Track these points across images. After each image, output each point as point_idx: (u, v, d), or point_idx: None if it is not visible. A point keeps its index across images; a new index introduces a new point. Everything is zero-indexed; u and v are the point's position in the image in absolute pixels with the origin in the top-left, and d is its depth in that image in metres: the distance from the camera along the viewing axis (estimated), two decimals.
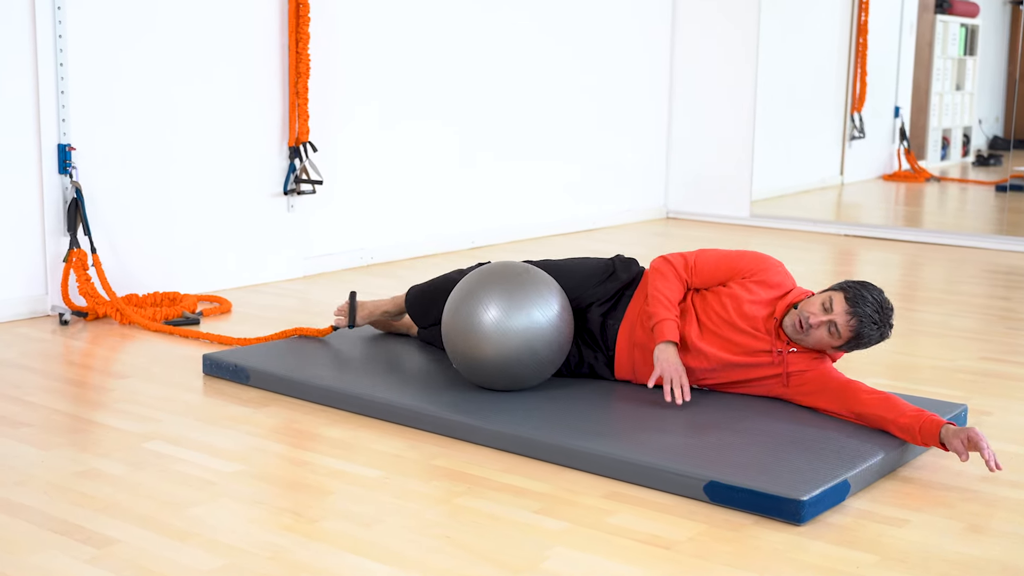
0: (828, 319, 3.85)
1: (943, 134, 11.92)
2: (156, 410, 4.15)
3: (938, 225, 9.48)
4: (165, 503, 3.28)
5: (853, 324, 3.83)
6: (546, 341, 4.02)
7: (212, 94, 6.14)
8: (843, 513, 3.28)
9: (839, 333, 3.85)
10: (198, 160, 6.11)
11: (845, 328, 3.84)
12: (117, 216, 5.76)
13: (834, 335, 3.86)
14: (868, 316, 3.83)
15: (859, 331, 3.84)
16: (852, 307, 3.84)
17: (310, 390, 4.26)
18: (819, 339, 3.89)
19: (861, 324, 3.83)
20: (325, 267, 6.83)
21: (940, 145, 11.85)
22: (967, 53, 11.94)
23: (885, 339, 3.88)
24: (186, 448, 3.75)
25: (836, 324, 3.84)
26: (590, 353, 4.27)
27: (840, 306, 3.85)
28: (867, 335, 3.85)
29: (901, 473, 3.60)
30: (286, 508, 3.26)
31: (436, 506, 3.29)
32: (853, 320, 3.83)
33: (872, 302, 3.85)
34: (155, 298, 5.77)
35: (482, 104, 7.85)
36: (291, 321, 5.50)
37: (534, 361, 4.02)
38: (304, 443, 3.84)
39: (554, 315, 4.04)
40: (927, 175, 11.31)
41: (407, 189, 7.36)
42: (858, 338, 3.86)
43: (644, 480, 3.44)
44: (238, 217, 6.34)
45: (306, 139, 6.47)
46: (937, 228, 8.95)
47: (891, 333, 3.91)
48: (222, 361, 4.53)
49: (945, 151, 11.90)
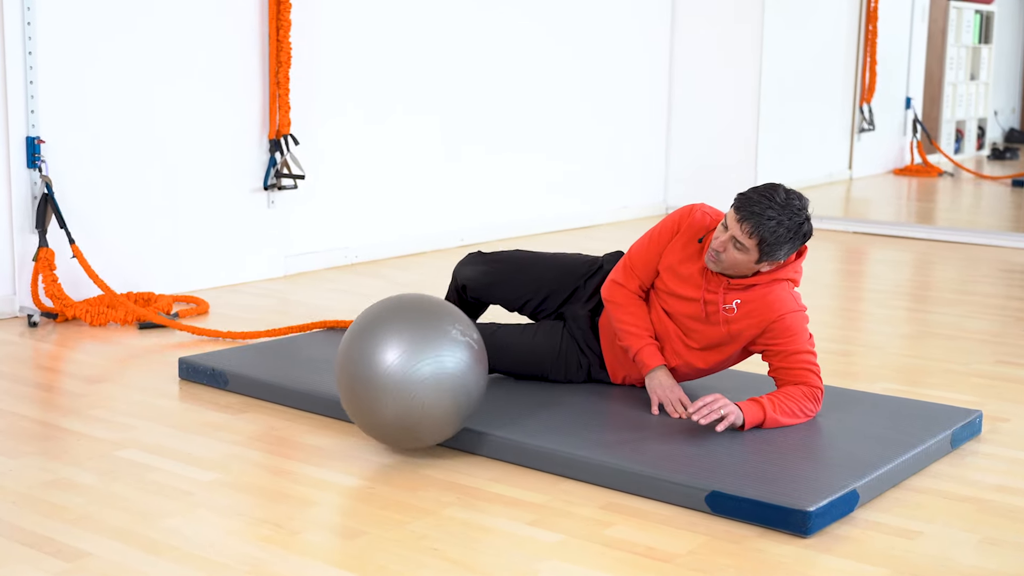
0: (728, 236, 3.76)
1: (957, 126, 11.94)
2: (130, 416, 4.14)
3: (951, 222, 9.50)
4: (139, 514, 3.27)
5: (748, 228, 3.71)
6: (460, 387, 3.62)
7: (189, 84, 6.14)
8: (852, 525, 3.28)
9: (745, 245, 3.75)
10: (174, 153, 6.11)
11: (745, 236, 3.72)
12: (89, 212, 5.75)
13: (743, 249, 3.76)
14: (762, 215, 3.70)
15: (761, 234, 3.71)
16: (741, 213, 3.72)
17: (292, 395, 4.26)
18: (734, 261, 3.80)
19: (758, 225, 3.70)
20: (307, 266, 6.83)
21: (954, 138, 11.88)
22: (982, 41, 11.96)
23: (802, 228, 3.74)
24: (161, 456, 3.74)
25: (736, 238, 3.75)
26: (584, 358, 4.27)
27: (732, 218, 3.75)
28: (771, 232, 3.71)
29: (913, 482, 3.60)
30: (266, 519, 3.26)
31: (424, 518, 3.29)
32: (746, 224, 3.71)
33: (761, 199, 3.72)
34: (129, 298, 5.76)
35: (472, 96, 7.85)
36: (271, 323, 5.50)
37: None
38: (285, 451, 3.84)
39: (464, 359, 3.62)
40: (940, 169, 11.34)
41: (394, 184, 7.36)
42: (765, 242, 3.73)
43: (643, 490, 3.44)
44: (216, 213, 6.34)
45: (287, 132, 6.46)
46: (950, 225, 8.96)
47: (807, 221, 3.76)
48: (199, 365, 4.53)
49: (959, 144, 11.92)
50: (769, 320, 3.86)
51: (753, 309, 3.88)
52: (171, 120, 6.08)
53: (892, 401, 4.20)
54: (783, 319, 3.86)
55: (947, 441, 3.84)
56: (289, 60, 6.38)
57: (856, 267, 7.77)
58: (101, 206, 5.81)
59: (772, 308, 3.86)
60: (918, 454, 3.67)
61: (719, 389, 4.23)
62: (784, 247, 3.76)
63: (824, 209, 9.67)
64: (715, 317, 3.93)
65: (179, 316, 5.61)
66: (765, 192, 3.74)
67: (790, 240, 3.75)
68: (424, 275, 6.78)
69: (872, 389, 4.52)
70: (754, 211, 3.71)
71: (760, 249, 3.75)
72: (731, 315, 3.91)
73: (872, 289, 6.87)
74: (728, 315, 3.91)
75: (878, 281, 7.18)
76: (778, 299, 3.87)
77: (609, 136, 9.08)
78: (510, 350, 4.27)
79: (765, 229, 3.70)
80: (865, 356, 5.15)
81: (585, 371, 4.28)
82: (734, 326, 3.92)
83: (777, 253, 3.77)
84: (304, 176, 6.56)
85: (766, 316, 3.86)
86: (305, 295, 6.20)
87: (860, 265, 7.81)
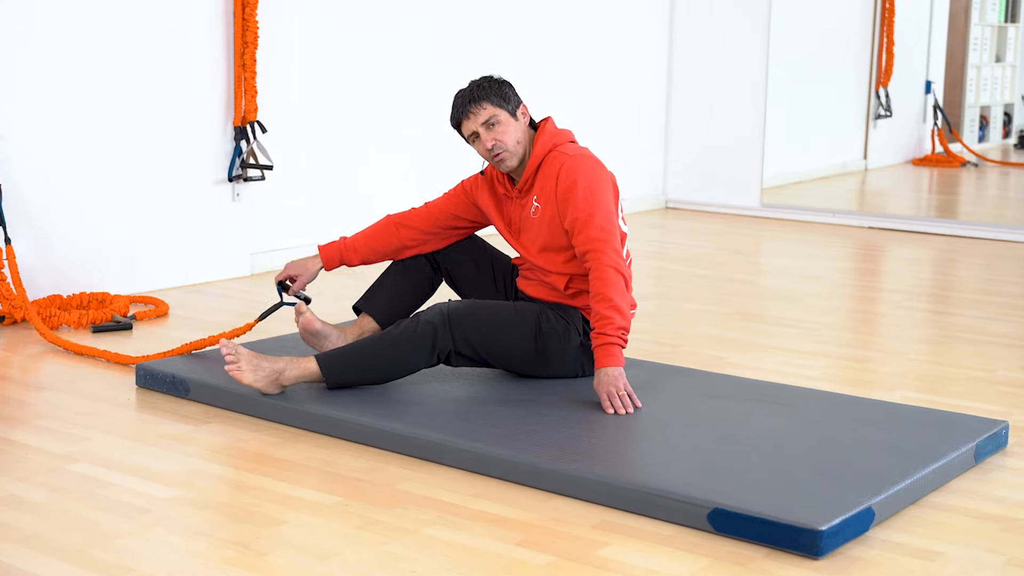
0: (480, 130, 4.33)
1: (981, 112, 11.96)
2: (82, 427, 4.14)
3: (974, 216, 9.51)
4: (93, 534, 3.27)
5: (474, 107, 4.32)
6: None
7: (145, 65, 6.13)
8: (867, 545, 3.29)
9: (495, 117, 4.32)
10: (129, 141, 6.10)
11: (482, 113, 4.32)
12: (35, 206, 5.75)
13: (497, 122, 4.32)
14: (464, 95, 4.37)
15: (485, 98, 4.33)
16: (458, 112, 4.36)
17: (258, 405, 4.25)
18: (506, 137, 4.32)
19: (473, 99, 4.33)
20: (275, 264, 6.83)
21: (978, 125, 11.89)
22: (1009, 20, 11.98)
23: (493, 76, 4.40)
24: (117, 471, 3.74)
25: (483, 123, 4.33)
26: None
27: (465, 127, 4.36)
28: (483, 90, 4.34)
29: (933, 499, 3.61)
30: (230, 540, 3.26)
31: (401, 537, 3.29)
32: (471, 107, 4.32)
33: (456, 97, 4.38)
34: (81, 299, 5.76)
35: (456, 81, 7.85)
36: (234, 325, 5.49)
37: None
38: (251, 465, 3.84)
39: None
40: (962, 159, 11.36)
41: (370, 176, 7.36)
42: (492, 97, 4.33)
43: (639, 508, 3.45)
44: (176, 207, 6.33)
45: (254, 118, 6.46)
46: (973, 220, 8.98)
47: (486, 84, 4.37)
48: (158, 372, 4.53)
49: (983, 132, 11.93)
50: (556, 184, 4.34)
51: (545, 187, 4.37)
52: (125, 103, 6.07)
53: (911, 411, 4.21)
54: (562, 172, 4.32)
55: (970, 454, 3.84)
56: (256, 40, 6.38)
57: (872, 265, 7.79)
58: (50, 199, 5.81)
59: (557, 170, 4.34)
60: (939, 468, 3.68)
61: (720, 397, 4.24)
62: (503, 90, 4.34)
63: (837, 202, 9.69)
64: (529, 223, 4.43)
65: (136, 318, 5.60)
66: (453, 102, 4.40)
67: (498, 85, 4.35)
68: None
69: (889, 398, 4.53)
70: (460, 103, 4.35)
71: (497, 106, 4.32)
72: (538, 214, 4.39)
73: (889, 289, 6.89)
74: (536, 215, 4.39)
75: (896, 281, 7.19)
76: (560, 159, 4.35)
77: (602, 124, 9.08)
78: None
79: (477, 94, 4.32)
80: (882, 362, 5.16)
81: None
82: (544, 216, 4.37)
83: (508, 99, 4.34)
84: (272, 166, 6.55)
85: (555, 182, 4.34)
86: (273, 296, 6.20)
87: (876, 263, 7.83)
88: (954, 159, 11.30)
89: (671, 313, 5.95)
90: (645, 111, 9.47)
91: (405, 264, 4.72)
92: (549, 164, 4.36)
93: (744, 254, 7.93)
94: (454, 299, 4.41)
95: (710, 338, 5.47)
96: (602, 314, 4.10)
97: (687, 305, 6.14)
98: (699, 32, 9.46)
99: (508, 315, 4.33)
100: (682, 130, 9.62)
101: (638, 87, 9.39)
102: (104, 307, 5.72)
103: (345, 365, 4.25)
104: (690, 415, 4.07)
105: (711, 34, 9.42)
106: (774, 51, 9.26)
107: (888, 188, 10.71)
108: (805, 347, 5.33)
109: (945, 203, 10.39)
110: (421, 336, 4.21)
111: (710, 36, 9.43)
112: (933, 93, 11.36)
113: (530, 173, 4.37)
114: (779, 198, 9.43)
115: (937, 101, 11.38)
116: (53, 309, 5.51)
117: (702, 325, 5.71)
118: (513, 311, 4.35)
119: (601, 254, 4.16)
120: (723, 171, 9.45)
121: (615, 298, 4.11)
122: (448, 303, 4.30)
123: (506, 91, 4.34)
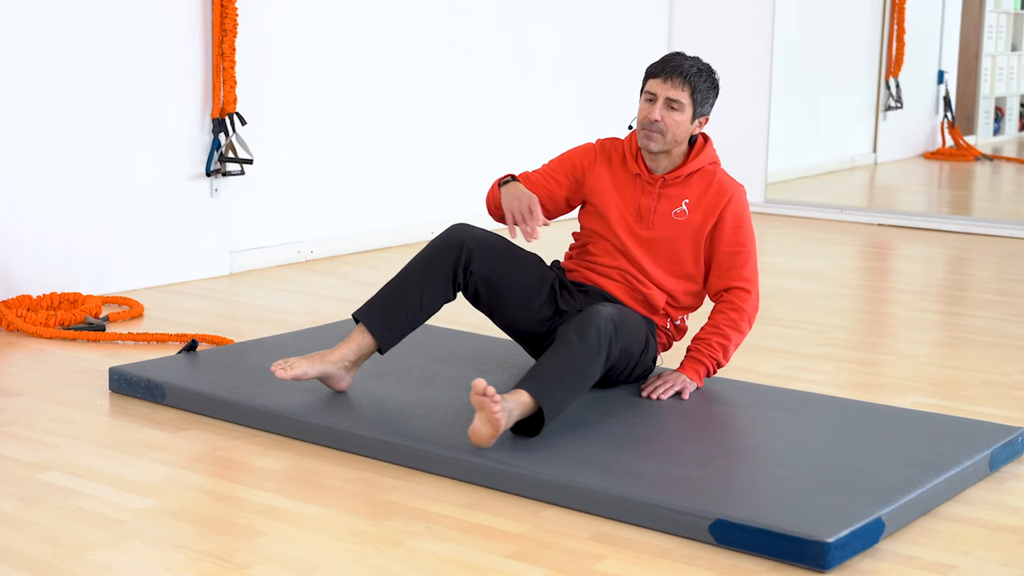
0: (661, 100, 4.27)
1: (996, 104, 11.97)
2: (53, 434, 4.14)
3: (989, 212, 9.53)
4: (64, 547, 3.27)
5: (678, 81, 4.26)
6: None
7: (117, 54, 6.12)
8: (877, 558, 3.29)
9: (680, 101, 4.26)
10: (101, 134, 6.10)
11: (677, 90, 4.26)
12: (1, 201, 5.74)
13: (679, 107, 4.27)
14: (682, 65, 4.28)
15: (692, 83, 4.27)
16: (664, 73, 4.28)
17: (238, 410, 4.25)
18: (675, 125, 4.28)
19: (686, 75, 4.27)
20: (255, 263, 6.83)
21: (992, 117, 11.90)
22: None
23: (713, 73, 4.31)
24: (89, 480, 3.74)
25: (669, 98, 4.27)
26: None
27: (657, 84, 4.28)
28: (696, 77, 4.28)
29: (945, 510, 3.62)
30: (209, 552, 3.26)
31: (388, 549, 3.29)
32: (675, 78, 4.26)
33: (672, 58, 4.30)
34: (51, 300, 5.76)
35: (447, 73, 7.86)
36: (214, 328, 5.50)
37: None
38: (231, 474, 3.84)
39: None
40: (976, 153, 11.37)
41: (355, 171, 7.36)
42: (696, 89, 4.27)
43: (638, 519, 3.45)
44: (151, 203, 6.33)
45: (233, 110, 6.46)
46: (989, 216, 8.99)
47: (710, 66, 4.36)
48: (132, 375, 4.52)
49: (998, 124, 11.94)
50: (721, 203, 4.38)
51: (702, 197, 4.39)
52: (97, 93, 6.06)
53: (922, 417, 4.21)
54: (734, 199, 4.39)
55: (985, 463, 3.85)
56: (235, 27, 6.37)
57: (882, 264, 7.80)
58: (17, 195, 5.80)
59: (723, 188, 4.40)
60: (952, 477, 3.68)
61: (722, 402, 4.25)
62: (709, 95, 4.32)
63: (845, 198, 9.70)
64: (666, 220, 4.40)
65: (109, 319, 5.60)
66: (668, 56, 4.32)
67: (711, 86, 4.31)
68: (387, 273, 6.76)
69: (900, 403, 4.54)
70: (673, 66, 4.27)
71: (693, 100, 4.28)
72: (683, 217, 4.39)
73: (900, 289, 6.89)
74: (680, 217, 4.39)
75: (907, 280, 7.20)
76: (723, 179, 4.41)
77: (598, 113, 9.08)
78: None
79: (692, 76, 4.26)
80: (892, 366, 5.17)
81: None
82: (689, 224, 4.38)
83: (706, 104, 4.32)
84: (252, 161, 6.55)
85: (718, 200, 4.38)
86: (253, 296, 6.20)
87: (886, 262, 7.84)
88: (968, 152, 11.31)
89: None
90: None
91: (428, 275, 4.27)
92: (707, 176, 4.41)
93: None
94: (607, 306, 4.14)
95: None
96: (716, 342, 4.35)
97: None
98: (700, 17, 9.45)
99: (639, 324, 4.31)
100: None
101: (633, 77, 9.37)
102: (75, 308, 5.71)
103: (564, 395, 3.91)
104: (691, 421, 4.07)
105: (712, 20, 9.41)
106: (779, 38, 9.26)
107: (898, 183, 10.72)
108: (811, 350, 5.34)
109: (958, 199, 10.40)
110: (598, 346, 3.97)
111: (711, 22, 9.42)
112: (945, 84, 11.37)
113: (684, 172, 4.38)
114: (784, 194, 9.44)
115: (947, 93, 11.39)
116: (21, 310, 5.50)
117: None
118: (640, 322, 4.33)
119: (749, 296, 4.39)
120: (725, 165, 9.38)
121: (733, 341, 4.38)
122: (605, 309, 4.09)
123: (711, 96, 4.33)
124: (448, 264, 4.26)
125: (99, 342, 5.26)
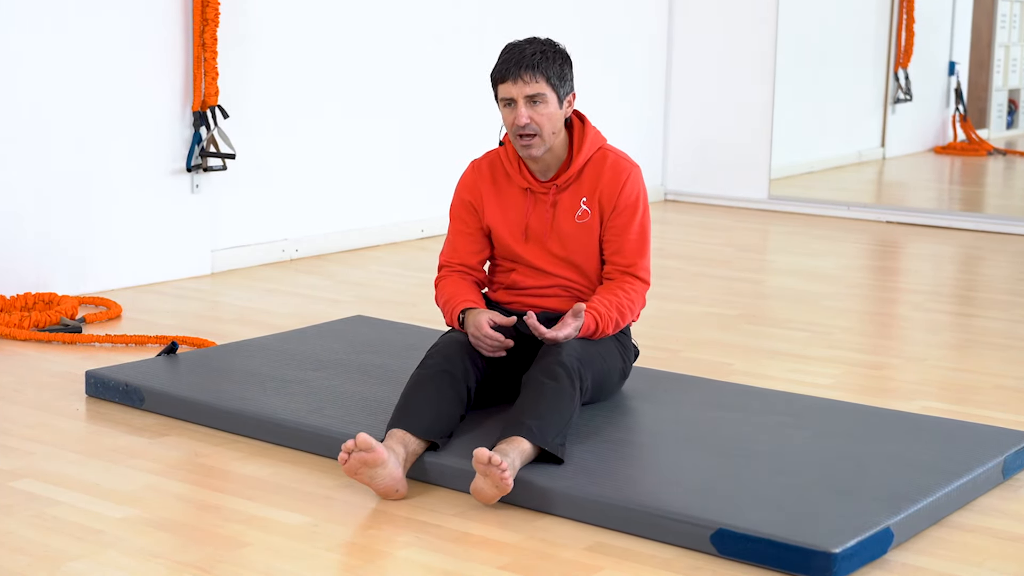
0: (521, 101, 4.07)
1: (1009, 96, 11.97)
2: (27, 440, 4.14)
3: (1002, 209, 9.53)
4: (39, 557, 3.27)
5: (528, 75, 4.06)
6: None
7: (94, 44, 6.12)
8: (885, 569, 3.30)
9: (541, 94, 4.06)
10: (77, 127, 6.09)
11: (533, 84, 4.06)
12: None
13: (542, 100, 4.07)
14: (523, 55, 4.08)
15: (543, 71, 4.07)
16: (509, 73, 4.07)
17: (220, 415, 4.25)
18: (548, 119, 4.08)
19: (531, 65, 4.06)
20: (238, 262, 6.83)
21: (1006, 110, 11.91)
22: None
23: (556, 44, 4.13)
24: (65, 488, 3.74)
25: (528, 95, 4.06)
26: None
27: (508, 88, 4.08)
28: (545, 60, 4.08)
29: (956, 519, 3.62)
30: (189, 563, 3.26)
31: (376, 560, 3.29)
32: (524, 74, 4.06)
33: (510, 51, 4.12)
34: (26, 300, 5.75)
35: (439, 63, 7.86)
36: (194, 329, 5.50)
37: None
38: (212, 482, 3.84)
39: None
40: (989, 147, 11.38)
41: (341, 166, 7.35)
42: (551, 75, 4.08)
43: (636, 528, 3.45)
44: (129, 200, 6.33)
45: (214, 102, 6.46)
46: (1001, 213, 9.00)
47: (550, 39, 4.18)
48: (110, 379, 4.52)
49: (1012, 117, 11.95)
50: (618, 188, 4.20)
51: (596, 187, 4.20)
52: (74, 86, 6.05)
53: (932, 422, 4.22)
54: (629, 180, 4.21)
55: (998, 470, 3.86)
56: (217, 17, 6.37)
57: (891, 263, 7.80)
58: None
59: (617, 171, 4.21)
60: (963, 485, 3.69)
61: (724, 407, 4.25)
62: (565, 71, 4.13)
63: (852, 194, 9.70)
64: (568, 227, 4.22)
65: (86, 321, 5.60)
66: (506, 55, 4.12)
67: (563, 61, 4.13)
68: (376, 273, 6.78)
69: (910, 408, 4.54)
70: (516, 62, 4.07)
71: (552, 85, 4.08)
72: (586, 218, 4.21)
73: (909, 289, 6.90)
74: (584, 219, 4.22)
75: (916, 280, 7.21)
76: (615, 161, 4.23)
77: (595, 107, 9.07)
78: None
79: (540, 63, 4.07)
80: (902, 369, 5.18)
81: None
82: (593, 222, 4.22)
83: (565, 82, 4.13)
84: (235, 155, 6.55)
85: (614, 186, 4.20)
86: (236, 296, 6.20)
87: (895, 261, 7.84)
88: (980, 147, 11.32)
89: (671, 315, 5.95)
90: (642, 94, 9.46)
91: (446, 376, 4.02)
92: (598, 165, 4.22)
93: (750, 251, 7.94)
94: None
95: (713, 343, 5.47)
96: (608, 315, 4.09)
97: (688, 307, 6.15)
98: (703, 8, 9.45)
99: (610, 349, 4.24)
100: (683, 115, 9.61)
101: (634, 66, 9.38)
102: (51, 309, 5.71)
103: (560, 430, 3.81)
104: (692, 427, 4.07)
105: (716, 11, 9.41)
106: (784, 29, 9.26)
107: (908, 179, 10.73)
108: (817, 353, 5.34)
109: (970, 195, 10.41)
110: (570, 382, 3.91)
111: (715, 13, 9.41)
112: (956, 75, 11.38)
113: (575, 170, 4.20)
114: (789, 190, 9.44)
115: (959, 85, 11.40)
116: None
117: (704, 329, 5.72)
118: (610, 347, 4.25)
119: (640, 285, 4.21)
120: (727, 160, 9.45)
121: (623, 317, 4.14)
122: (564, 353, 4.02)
123: (566, 72, 4.14)
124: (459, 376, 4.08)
125: (75, 344, 5.27)
